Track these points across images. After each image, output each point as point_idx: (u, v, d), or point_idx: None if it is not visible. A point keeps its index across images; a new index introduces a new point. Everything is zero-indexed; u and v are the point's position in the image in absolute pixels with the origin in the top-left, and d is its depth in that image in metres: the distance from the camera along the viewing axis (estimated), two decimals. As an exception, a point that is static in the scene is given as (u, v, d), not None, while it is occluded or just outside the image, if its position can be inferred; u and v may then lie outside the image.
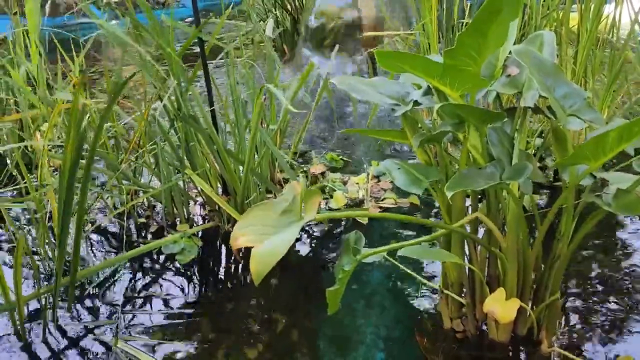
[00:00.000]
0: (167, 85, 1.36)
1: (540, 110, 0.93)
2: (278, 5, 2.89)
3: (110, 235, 1.48)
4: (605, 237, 1.34)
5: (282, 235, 0.68)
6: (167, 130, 1.40)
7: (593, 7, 1.58)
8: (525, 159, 0.88)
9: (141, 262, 1.36)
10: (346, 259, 0.84)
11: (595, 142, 0.77)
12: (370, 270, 1.26)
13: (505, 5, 0.75)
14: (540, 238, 0.94)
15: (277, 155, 1.41)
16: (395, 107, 0.96)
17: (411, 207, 1.52)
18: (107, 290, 1.26)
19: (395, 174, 0.94)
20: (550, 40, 0.98)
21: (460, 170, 0.85)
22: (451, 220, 0.98)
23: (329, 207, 1.53)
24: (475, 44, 0.77)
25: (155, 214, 1.55)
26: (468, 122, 0.87)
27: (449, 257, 0.95)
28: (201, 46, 1.40)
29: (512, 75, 0.93)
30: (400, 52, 0.85)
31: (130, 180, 1.48)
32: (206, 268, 1.34)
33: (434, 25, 1.58)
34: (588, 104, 0.88)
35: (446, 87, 0.86)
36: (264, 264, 0.65)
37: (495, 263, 1.00)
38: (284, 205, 0.72)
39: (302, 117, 1.78)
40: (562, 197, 0.89)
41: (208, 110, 1.42)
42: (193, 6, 1.39)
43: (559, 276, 0.97)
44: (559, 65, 0.91)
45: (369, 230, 1.43)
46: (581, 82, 1.62)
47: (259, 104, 1.29)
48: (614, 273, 1.21)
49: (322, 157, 1.81)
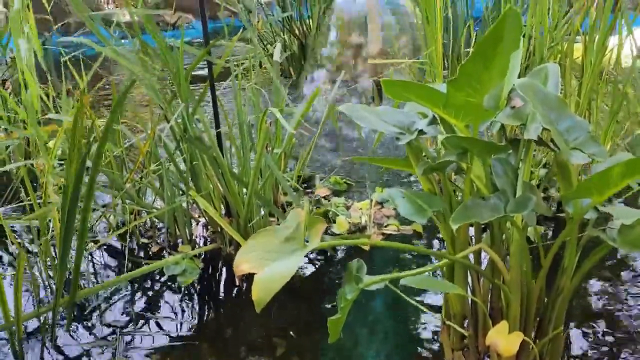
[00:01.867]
0: (174, 106, 1.37)
1: (544, 143, 0.94)
2: (286, 30, 2.92)
3: (112, 254, 1.48)
4: (609, 269, 1.33)
5: (285, 262, 0.68)
6: (172, 151, 1.41)
7: (597, 39, 1.60)
8: (529, 191, 0.88)
9: (142, 282, 1.36)
10: (348, 287, 0.83)
11: (599, 177, 0.77)
12: (372, 298, 1.25)
13: (506, 35, 0.76)
14: (544, 271, 0.94)
15: (280, 179, 1.41)
16: (400, 135, 0.96)
17: (414, 234, 1.52)
18: (106, 310, 1.25)
19: (398, 203, 0.94)
20: (555, 72, 0.99)
21: (465, 202, 0.85)
22: (454, 250, 0.97)
23: (331, 232, 1.53)
24: (477, 73, 0.77)
25: (158, 234, 1.55)
26: (472, 152, 0.88)
27: (452, 288, 0.94)
28: (209, 68, 1.41)
29: (517, 107, 0.94)
30: (405, 82, 0.86)
31: (134, 200, 1.48)
32: (207, 290, 1.33)
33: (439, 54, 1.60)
34: (591, 137, 0.88)
35: (451, 117, 0.87)
36: (266, 291, 0.65)
37: (498, 295, 0.99)
38: (288, 232, 0.72)
39: (307, 139, 1.79)
40: (566, 231, 0.88)
41: (214, 132, 1.43)
42: (203, 28, 1.41)
43: (562, 310, 0.96)
44: (562, 98, 0.91)
45: (372, 255, 1.42)
46: (585, 114, 1.62)
47: (264, 128, 1.30)
48: (618, 306, 1.20)
49: (326, 181, 1.81)
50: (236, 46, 1.54)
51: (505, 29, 0.76)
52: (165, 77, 1.48)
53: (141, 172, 1.52)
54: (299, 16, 2.89)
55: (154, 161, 1.49)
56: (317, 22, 2.70)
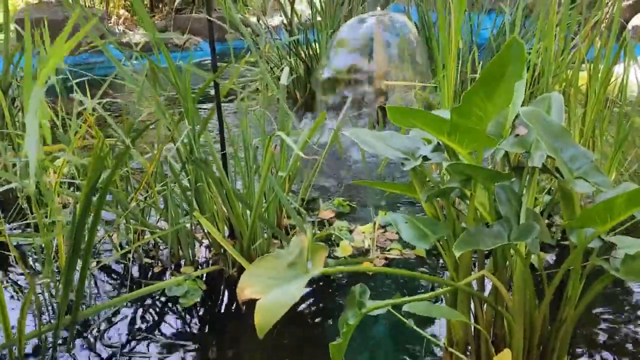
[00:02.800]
0: (180, 127, 1.38)
1: (548, 171, 0.94)
2: (292, 53, 2.96)
3: (115, 274, 1.48)
4: (613, 297, 1.32)
5: (287, 289, 0.68)
6: (178, 172, 1.42)
7: (602, 68, 1.61)
8: (532, 219, 0.89)
9: (144, 303, 1.35)
10: (351, 312, 0.83)
11: (603, 206, 0.77)
12: (374, 322, 1.24)
13: (509, 64, 0.77)
14: (547, 299, 0.93)
15: (284, 202, 1.41)
16: (405, 161, 0.97)
17: (417, 258, 1.51)
18: (107, 331, 1.25)
19: (401, 228, 0.95)
20: (558, 101, 1.00)
21: (468, 229, 0.85)
22: (458, 276, 0.97)
23: (335, 256, 1.52)
24: (481, 102, 0.78)
25: (161, 254, 1.55)
26: (475, 180, 0.88)
27: (455, 315, 0.94)
28: (216, 90, 1.43)
29: (521, 135, 0.94)
30: (410, 108, 0.87)
31: (138, 220, 1.49)
32: (209, 312, 1.33)
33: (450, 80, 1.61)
34: (595, 166, 0.89)
35: (455, 144, 0.88)
36: (268, 317, 0.65)
37: (501, 322, 0.99)
38: (291, 258, 0.72)
39: (311, 163, 1.80)
40: (570, 260, 0.88)
41: (220, 154, 1.44)
42: (211, 51, 1.43)
43: (566, 339, 0.95)
44: (566, 128, 0.92)
45: (374, 279, 1.41)
46: (589, 142, 1.63)
47: (269, 151, 1.31)
48: (622, 336, 1.19)
49: (330, 203, 1.82)
50: (243, 68, 1.56)
51: (509, 59, 0.77)
52: (174, 98, 1.50)
53: (146, 192, 1.53)
54: (305, 40, 2.93)
55: (159, 181, 1.50)
56: (323, 47, 2.73)
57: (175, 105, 1.49)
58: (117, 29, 5.17)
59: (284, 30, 3.18)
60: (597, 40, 1.71)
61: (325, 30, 2.83)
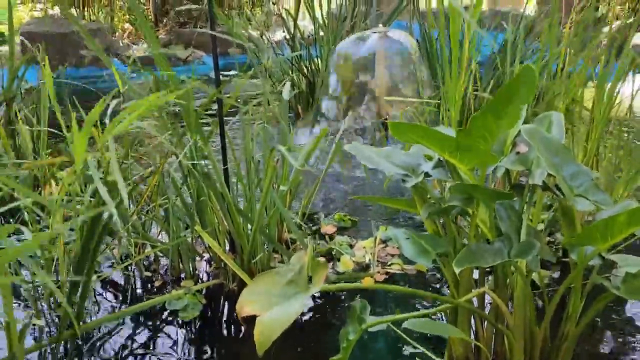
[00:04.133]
0: (183, 141, 1.39)
1: (549, 188, 0.95)
2: (295, 69, 2.98)
3: (115, 287, 1.48)
4: (615, 314, 1.32)
5: (287, 306, 0.68)
6: (179, 186, 1.42)
7: (609, 87, 1.62)
8: (533, 236, 0.89)
9: (143, 317, 1.35)
10: (351, 327, 0.83)
11: (604, 225, 0.77)
12: (374, 338, 1.23)
13: (519, 91, 0.78)
14: (549, 317, 0.93)
15: (285, 217, 1.42)
16: (406, 178, 0.97)
17: (418, 273, 1.51)
18: (107, 344, 1.24)
19: (402, 244, 0.95)
20: (559, 120, 1.01)
21: (469, 246, 0.85)
22: (458, 293, 0.97)
23: (336, 271, 1.52)
24: (489, 125, 0.79)
25: (161, 267, 1.55)
26: (477, 199, 0.89)
27: (455, 332, 0.93)
28: (219, 105, 1.44)
29: (521, 152, 0.95)
30: (412, 124, 0.87)
31: (139, 233, 1.49)
32: (209, 326, 1.33)
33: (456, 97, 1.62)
34: (595, 185, 0.89)
35: (457, 161, 0.88)
36: (268, 335, 0.65)
37: (502, 340, 0.98)
38: (291, 275, 0.72)
39: (313, 177, 1.81)
40: (571, 277, 0.88)
41: (221, 169, 1.44)
42: (215, 66, 1.44)
43: (567, 356, 0.95)
44: (566, 146, 0.93)
45: (375, 293, 1.41)
46: (593, 160, 1.63)
47: (271, 165, 1.31)
48: (624, 354, 1.18)
49: (331, 218, 1.82)
50: (246, 83, 1.57)
51: (520, 85, 0.78)
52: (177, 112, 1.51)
53: (147, 206, 1.53)
54: (307, 56, 2.95)
55: (161, 195, 1.50)
56: (325, 62, 2.76)
57: (178, 119, 1.50)
58: (122, 43, 5.21)
59: (286, 45, 3.21)
60: (602, 59, 1.71)
61: (327, 45, 2.85)
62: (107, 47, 4.40)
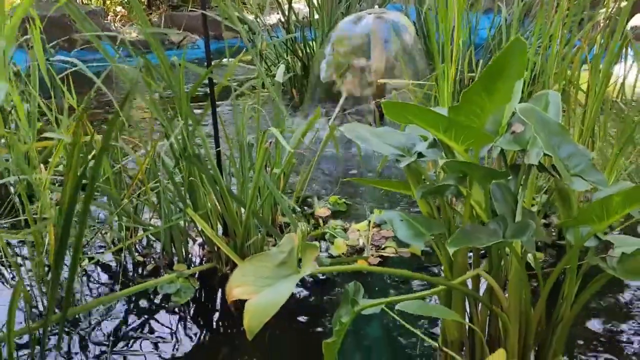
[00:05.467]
0: (174, 124, 1.37)
1: (545, 169, 0.93)
2: (289, 51, 2.95)
3: (107, 271, 1.47)
4: (610, 296, 1.31)
5: (277, 289, 0.67)
6: (171, 169, 1.40)
7: (603, 67, 1.60)
8: (528, 217, 0.87)
9: (135, 301, 1.34)
10: (344, 310, 0.82)
11: (600, 205, 0.76)
12: (368, 321, 1.23)
13: (510, 64, 0.76)
14: (544, 298, 0.92)
15: (278, 199, 1.40)
16: (400, 158, 0.96)
17: (412, 256, 1.50)
18: (98, 328, 1.23)
19: (397, 226, 0.93)
20: (556, 100, 0.99)
21: (463, 226, 0.84)
22: (452, 276, 0.96)
23: (329, 254, 1.51)
24: (480, 101, 0.77)
25: (153, 252, 1.53)
26: (471, 177, 0.87)
27: (449, 314, 0.92)
28: (211, 87, 1.41)
29: (517, 132, 0.93)
30: (406, 104, 0.85)
31: (131, 217, 1.47)
32: (201, 310, 1.31)
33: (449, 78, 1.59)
34: (592, 165, 0.87)
35: (451, 140, 0.86)
36: (257, 319, 0.63)
37: (496, 322, 0.98)
38: (281, 256, 0.71)
39: (307, 160, 1.79)
40: (566, 258, 0.87)
41: (214, 151, 1.42)
42: (205, 47, 1.41)
43: (562, 338, 0.94)
44: (563, 125, 0.91)
45: (369, 277, 1.40)
46: (588, 141, 1.62)
47: (263, 147, 1.29)
48: (619, 335, 1.18)
49: (326, 202, 1.80)
50: (240, 66, 1.55)
51: (511, 57, 0.76)
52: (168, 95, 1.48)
53: (139, 189, 1.51)
54: (302, 38, 2.92)
55: (152, 178, 1.48)
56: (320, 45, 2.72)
57: (170, 103, 1.48)
58: (114, 26, 5.15)
59: (281, 28, 3.17)
60: (598, 40, 1.69)
61: (322, 28, 2.82)
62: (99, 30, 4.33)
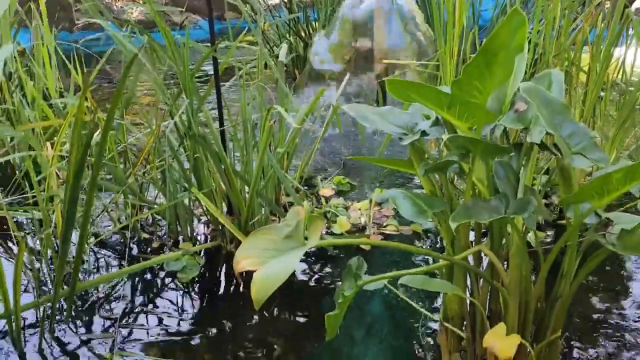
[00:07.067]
0: (179, 103, 1.38)
1: (547, 147, 0.94)
2: (292, 32, 2.93)
3: (113, 249, 1.49)
4: (609, 273, 1.33)
5: (283, 260, 0.68)
6: (176, 148, 1.42)
7: (604, 48, 1.60)
8: (530, 194, 0.89)
9: (142, 277, 1.36)
10: (347, 284, 0.83)
11: (600, 182, 0.77)
12: (370, 298, 1.25)
13: (511, 36, 0.76)
14: (543, 275, 0.94)
15: (282, 178, 1.41)
16: (403, 136, 0.96)
17: (413, 234, 1.52)
18: (105, 303, 1.25)
19: (399, 204, 0.94)
20: (559, 79, 0.99)
21: (465, 202, 0.85)
22: (454, 252, 0.97)
23: (332, 232, 1.53)
24: (481, 74, 0.78)
25: (159, 230, 1.55)
26: (474, 154, 0.88)
27: (451, 288, 0.94)
28: (215, 66, 1.42)
29: (520, 110, 0.94)
30: (409, 82, 0.86)
31: (136, 196, 1.48)
32: (207, 287, 1.34)
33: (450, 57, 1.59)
34: (594, 143, 0.88)
35: (454, 118, 0.87)
36: (264, 289, 0.65)
37: (497, 298, 0.99)
38: (287, 230, 0.72)
39: (311, 140, 1.80)
40: (566, 235, 0.89)
41: (218, 130, 1.43)
42: (210, 27, 1.41)
43: (561, 314, 0.96)
44: (566, 104, 0.92)
45: (371, 255, 1.42)
46: (589, 121, 1.63)
47: (267, 126, 1.30)
48: (617, 311, 1.20)
49: (329, 181, 1.82)
50: (242, 47, 1.55)
51: (510, 30, 0.76)
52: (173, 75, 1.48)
53: (144, 168, 1.52)
54: (305, 18, 2.90)
55: (158, 157, 1.50)
56: (323, 24, 2.71)
57: (174, 82, 1.48)
58: (116, 6, 5.11)
59: (283, 8, 3.15)
60: (599, 21, 1.69)
61: (325, 8, 2.80)
62: (101, 10, 4.31)
